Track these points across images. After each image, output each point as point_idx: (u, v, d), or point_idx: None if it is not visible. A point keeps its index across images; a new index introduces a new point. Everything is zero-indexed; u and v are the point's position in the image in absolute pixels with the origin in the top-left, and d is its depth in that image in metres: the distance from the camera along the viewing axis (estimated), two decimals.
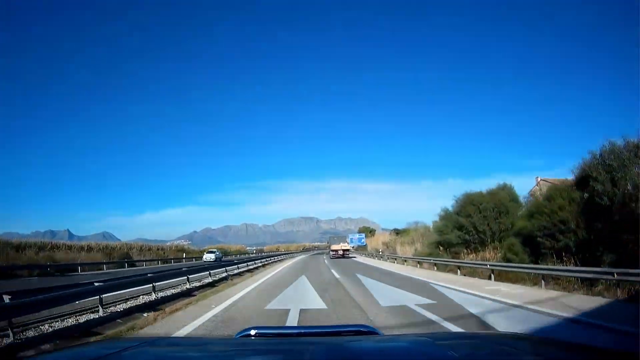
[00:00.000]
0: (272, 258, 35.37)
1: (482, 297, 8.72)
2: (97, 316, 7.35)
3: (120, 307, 8.47)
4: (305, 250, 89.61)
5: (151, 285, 9.85)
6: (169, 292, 10.86)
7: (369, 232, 65.65)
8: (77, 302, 7.55)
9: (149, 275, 10.54)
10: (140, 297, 9.77)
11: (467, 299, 8.61)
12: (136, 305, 8.66)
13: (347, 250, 42.13)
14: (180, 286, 11.90)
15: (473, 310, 7.03)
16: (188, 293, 10.94)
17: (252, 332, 1.46)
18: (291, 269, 22.38)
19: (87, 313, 7.72)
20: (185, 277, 12.24)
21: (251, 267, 22.18)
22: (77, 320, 7.13)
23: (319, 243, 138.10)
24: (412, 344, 1.38)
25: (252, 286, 12.62)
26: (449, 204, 20.18)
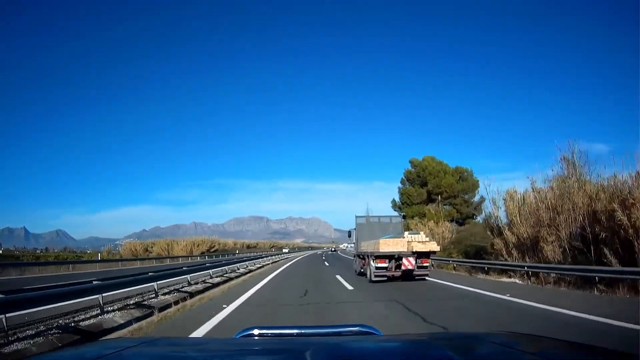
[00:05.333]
0: None
1: None
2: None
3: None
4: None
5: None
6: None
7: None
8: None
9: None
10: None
11: None
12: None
13: (432, 253, 12.66)
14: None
15: None
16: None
17: (253, 331, 1.43)
18: None
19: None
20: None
21: None
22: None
23: (266, 241, 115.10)
24: (412, 343, 1.37)
25: None
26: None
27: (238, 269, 17.75)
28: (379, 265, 11.77)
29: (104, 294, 6.76)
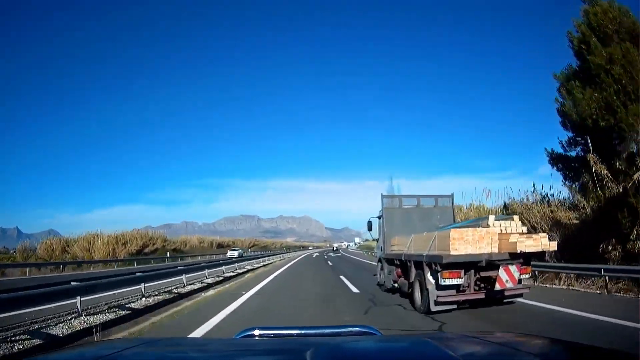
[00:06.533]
0: None
1: None
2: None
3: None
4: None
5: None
6: None
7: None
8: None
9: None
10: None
11: None
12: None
13: (541, 254, 6.92)
14: None
15: None
16: None
17: (253, 332, 1.45)
18: None
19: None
20: None
21: None
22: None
23: (246, 239, 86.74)
24: (412, 344, 1.37)
25: None
26: None
27: None
28: (448, 281, 6.51)
29: None
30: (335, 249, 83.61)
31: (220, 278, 15.26)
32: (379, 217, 10.48)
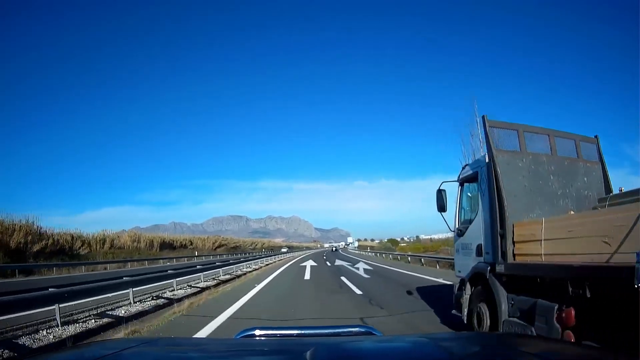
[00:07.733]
0: None
1: None
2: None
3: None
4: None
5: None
6: None
7: None
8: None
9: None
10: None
11: None
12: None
13: None
14: None
15: None
16: None
17: (252, 332, 1.44)
18: None
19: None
20: None
21: None
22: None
23: (204, 236, 62.48)
24: (412, 344, 1.35)
25: None
26: (385, 204, 2.48)
27: None
28: None
29: None
30: (335, 249, 68.96)
31: None
32: (465, 182, 5.42)
